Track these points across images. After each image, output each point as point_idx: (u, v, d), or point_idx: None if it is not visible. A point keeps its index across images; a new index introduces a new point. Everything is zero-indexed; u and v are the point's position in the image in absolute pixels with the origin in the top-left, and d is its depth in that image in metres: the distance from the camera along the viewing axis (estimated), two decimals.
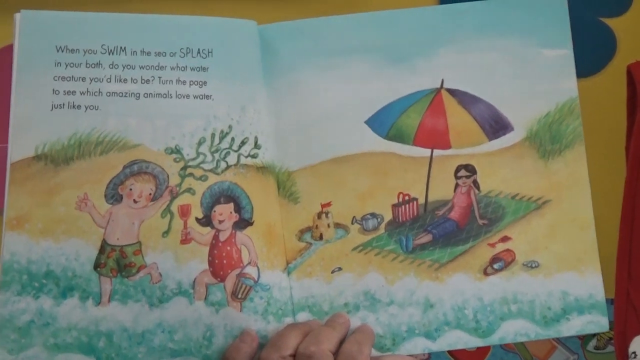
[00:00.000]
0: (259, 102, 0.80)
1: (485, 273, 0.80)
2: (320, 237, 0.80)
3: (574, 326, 0.80)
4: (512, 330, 0.80)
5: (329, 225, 0.80)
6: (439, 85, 0.81)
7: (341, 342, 0.75)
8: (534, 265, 0.80)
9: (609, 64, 0.95)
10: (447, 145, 0.81)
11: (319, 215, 0.80)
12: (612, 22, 0.94)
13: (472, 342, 0.80)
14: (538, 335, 0.80)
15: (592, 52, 0.89)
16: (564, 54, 0.82)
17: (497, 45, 0.81)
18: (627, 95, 0.92)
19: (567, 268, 0.81)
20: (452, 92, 0.81)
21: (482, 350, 0.99)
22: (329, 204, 0.80)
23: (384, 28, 0.81)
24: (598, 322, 0.81)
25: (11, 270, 0.75)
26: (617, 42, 0.95)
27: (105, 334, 0.76)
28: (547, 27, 0.82)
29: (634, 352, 0.87)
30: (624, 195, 0.90)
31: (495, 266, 0.80)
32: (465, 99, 0.81)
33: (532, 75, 0.82)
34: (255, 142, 0.79)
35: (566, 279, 0.81)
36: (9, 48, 0.85)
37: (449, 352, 0.98)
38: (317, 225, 0.80)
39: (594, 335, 0.99)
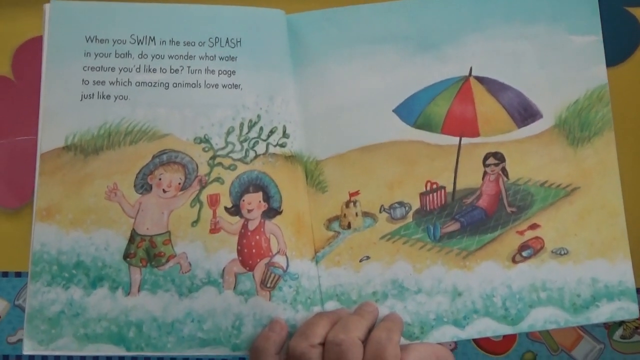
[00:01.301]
0: (287, 91, 0.80)
1: (514, 261, 0.80)
2: (349, 226, 0.80)
3: (604, 313, 0.80)
4: (541, 318, 0.80)
5: (357, 214, 0.80)
6: (467, 73, 0.81)
7: (370, 331, 0.75)
8: (563, 253, 0.80)
9: (634, 52, 0.94)
10: (475, 133, 0.81)
11: (347, 204, 0.80)
12: (637, 11, 0.93)
13: (500, 329, 0.80)
14: (567, 322, 0.80)
15: (617, 41, 0.89)
16: (593, 41, 0.81)
17: (525, 32, 0.81)
18: None
19: (597, 255, 0.80)
20: (481, 79, 0.81)
21: (509, 340, 0.98)
22: (357, 193, 0.80)
23: (412, 16, 0.81)
24: (628, 309, 0.80)
25: (41, 261, 0.76)
26: None
27: (135, 323, 0.76)
28: (576, 14, 0.81)
29: None
30: None
31: (524, 254, 0.80)
32: (493, 87, 0.81)
33: (561, 62, 0.81)
34: (284, 132, 0.79)
35: (595, 265, 0.80)
36: (36, 40, 0.86)
37: (476, 342, 0.98)
38: (345, 214, 0.80)
39: (620, 324, 0.98)
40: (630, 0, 0.94)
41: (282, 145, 0.79)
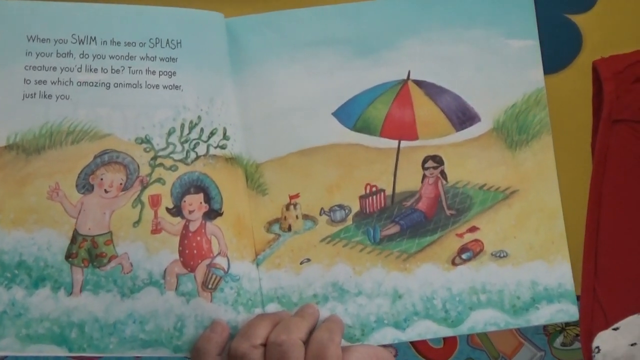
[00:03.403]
0: (227, 93, 0.80)
1: (454, 263, 0.80)
2: (289, 229, 0.80)
3: (544, 315, 0.81)
4: (482, 320, 0.80)
5: (297, 217, 0.80)
6: (405, 77, 0.82)
7: (311, 332, 0.75)
8: (502, 255, 0.81)
9: (574, 60, 0.95)
10: (414, 137, 0.81)
11: (287, 207, 0.80)
12: (577, 19, 0.94)
13: (441, 331, 0.80)
14: (508, 324, 0.80)
15: (557, 48, 0.90)
16: (530, 45, 0.82)
17: (463, 37, 0.82)
18: (593, 92, 0.92)
19: (536, 257, 0.81)
20: (419, 83, 0.82)
21: (449, 347, 0.99)
22: (297, 196, 0.80)
23: (350, 20, 0.81)
24: (567, 311, 0.81)
25: None
26: (582, 38, 0.96)
27: (77, 324, 0.76)
28: (513, 18, 0.82)
29: (598, 347, 0.87)
30: (590, 192, 0.90)
31: (464, 256, 0.81)
32: (432, 90, 0.82)
33: (498, 66, 0.82)
34: (224, 133, 0.79)
35: (535, 268, 0.81)
36: None
37: (417, 349, 0.98)
38: (285, 217, 0.80)
39: (560, 331, 0.99)
40: (571, 8, 0.95)
41: (223, 147, 0.79)
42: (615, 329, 0.76)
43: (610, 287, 0.86)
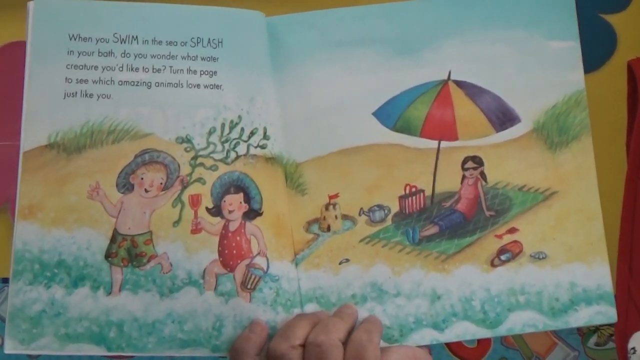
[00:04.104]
0: (267, 93, 0.80)
1: (492, 264, 0.80)
2: (328, 229, 0.80)
3: (582, 317, 0.80)
4: (520, 322, 0.80)
5: (336, 217, 0.80)
6: (446, 77, 0.81)
7: (350, 333, 0.75)
8: (541, 257, 0.80)
9: (609, 60, 0.96)
10: (454, 137, 0.81)
11: (327, 207, 0.80)
12: (612, 18, 0.94)
13: (480, 333, 0.80)
14: (546, 326, 0.80)
15: (592, 48, 0.89)
16: (570, 46, 0.82)
17: (503, 37, 0.81)
18: (628, 92, 0.92)
19: (575, 259, 0.81)
20: (460, 83, 0.81)
21: (483, 347, 0.98)
22: (336, 196, 0.80)
23: (391, 20, 0.81)
24: (606, 313, 0.80)
25: (23, 260, 0.76)
26: (617, 38, 0.96)
27: (116, 323, 0.76)
28: (554, 19, 0.82)
29: (634, 348, 0.87)
30: (625, 191, 0.91)
31: (503, 257, 0.80)
32: (472, 91, 0.81)
33: (538, 67, 0.82)
34: (264, 133, 0.79)
35: (574, 269, 0.81)
36: (17, 44, 0.86)
37: (450, 349, 0.98)
38: (324, 217, 0.80)
39: (594, 331, 0.99)
40: (606, 7, 0.95)
41: (263, 147, 0.79)
42: None
43: None
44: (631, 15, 0.95)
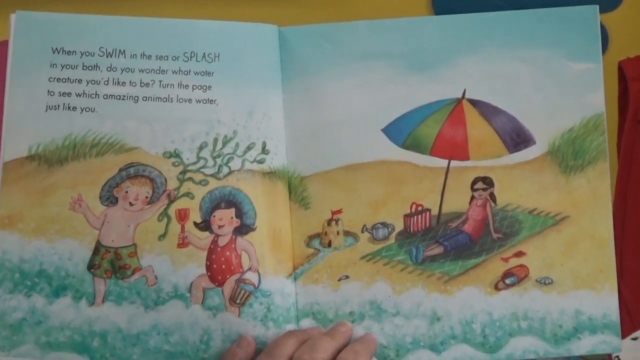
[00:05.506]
0: (271, 106, 0.79)
1: (497, 288, 0.79)
2: (329, 245, 0.79)
3: (585, 345, 0.79)
4: (521, 347, 0.79)
5: (338, 233, 0.79)
6: (460, 95, 0.79)
7: (339, 352, 0.75)
8: (547, 282, 0.79)
9: None
10: (465, 157, 0.79)
11: (329, 222, 0.79)
12: (603, 18, 0.91)
13: (478, 357, 0.79)
14: (547, 353, 0.79)
15: None
16: (592, 68, 0.79)
17: (522, 56, 0.79)
18: (619, 92, 0.91)
19: (583, 286, 0.79)
20: (474, 102, 0.79)
21: None
22: (339, 211, 0.79)
23: (407, 35, 0.79)
24: (610, 343, 0.79)
25: (2, 269, 0.76)
26: (608, 37, 0.93)
27: (99, 334, 0.76)
28: (577, 40, 0.79)
29: (617, 356, 0.86)
30: (615, 191, 0.91)
31: (507, 281, 0.79)
32: (487, 110, 0.79)
33: (557, 88, 0.79)
34: (263, 147, 0.78)
35: (581, 297, 0.79)
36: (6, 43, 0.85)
37: None
38: (326, 232, 0.79)
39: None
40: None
41: (261, 162, 0.78)
42: (634, 339, 0.75)
43: (635, 288, 0.88)
44: (623, 14, 0.94)
